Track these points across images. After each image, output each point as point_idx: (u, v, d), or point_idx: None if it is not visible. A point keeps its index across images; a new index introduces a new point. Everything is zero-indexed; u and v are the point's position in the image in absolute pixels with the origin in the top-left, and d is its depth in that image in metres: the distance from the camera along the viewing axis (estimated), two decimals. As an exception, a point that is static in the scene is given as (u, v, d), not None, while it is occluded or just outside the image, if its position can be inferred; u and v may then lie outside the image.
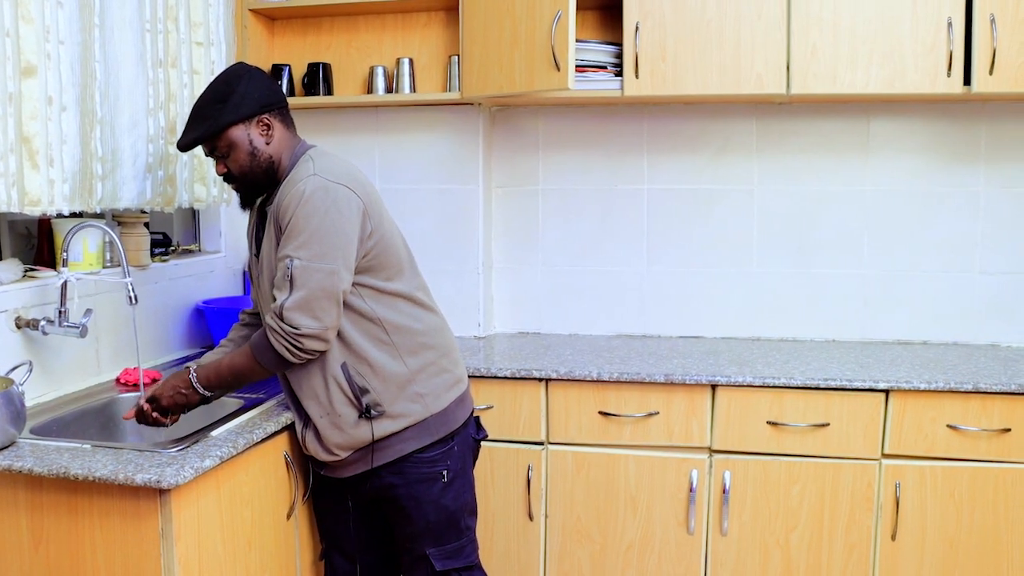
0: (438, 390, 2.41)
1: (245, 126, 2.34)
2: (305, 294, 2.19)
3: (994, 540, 2.85)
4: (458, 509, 2.47)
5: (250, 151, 2.35)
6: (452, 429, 2.44)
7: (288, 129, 2.42)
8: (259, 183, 2.40)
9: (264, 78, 2.40)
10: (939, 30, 2.97)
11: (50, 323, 2.52)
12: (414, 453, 2.39)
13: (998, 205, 3.35)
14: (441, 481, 2.43)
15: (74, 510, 2.03)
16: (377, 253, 2.33)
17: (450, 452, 2.44)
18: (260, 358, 2.28)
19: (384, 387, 2.34)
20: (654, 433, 2.98)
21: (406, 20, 3.56)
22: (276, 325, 2.22)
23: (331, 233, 2.21)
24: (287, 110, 2.44)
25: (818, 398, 2.88)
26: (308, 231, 2.20)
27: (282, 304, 2.21)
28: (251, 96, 2.34)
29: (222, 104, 2.32)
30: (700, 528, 2.99)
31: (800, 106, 3.42)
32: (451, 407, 2.44)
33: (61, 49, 2.44)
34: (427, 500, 2.42)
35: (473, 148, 3.51)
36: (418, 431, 2.39)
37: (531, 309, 3.69)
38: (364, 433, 2.35)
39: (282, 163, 2.39)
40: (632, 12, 3.12)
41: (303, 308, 2.20)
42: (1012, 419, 2.80)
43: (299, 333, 2.20)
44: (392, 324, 2.35)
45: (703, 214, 3.53)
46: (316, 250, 2.20)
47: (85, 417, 2.52)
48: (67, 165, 2.48)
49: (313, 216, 2.21)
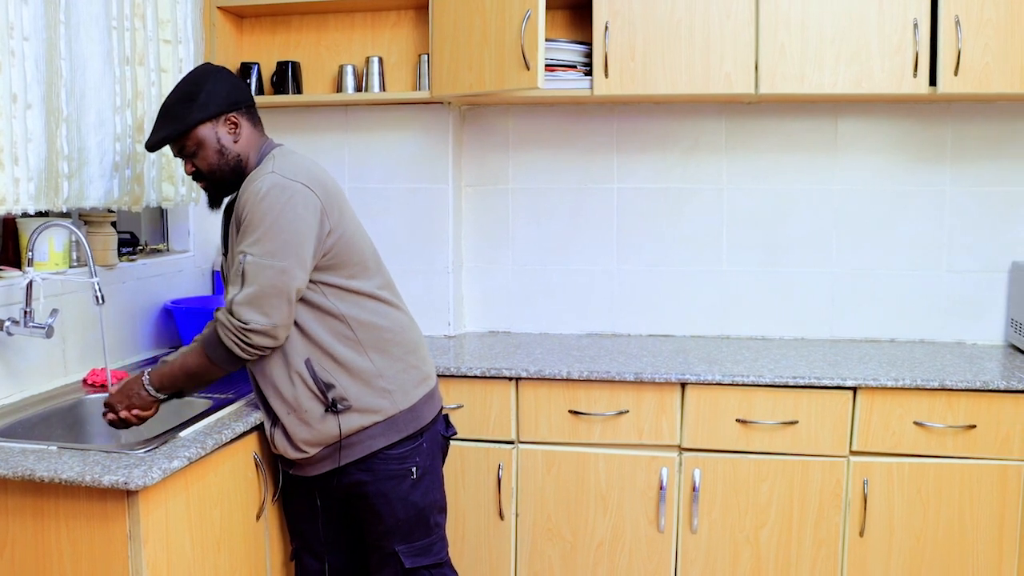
0: (406, 386, 2.41)
1: (213, 125, 2.36)
2: (255, 290, 2.20)
3: (960, 535, 2.88)
4: (427, 506, 2.47)
5: (218, 149, 2.37)
6: (421, 426, 2.44)
7: (255, 128, 2.44)
8: (227, 181, 2.42)
9: (231, 77, 2.41)
10: (905, 31, 3.00)
11: (15, 323, 2.49)
12: (383, 450, 2.39)
13: (964, 204, 3.38)
14: (410, 478, 2.42)
15: (40, 513, 2.01)
16: (338, 252, 2.33)
17: (419, 449, 2.44)
18: (211, 354, 2.28)
19: (350, 381, 2.34)
20: (624, 431, 2.99)
21: (376, 19, 3.55)
22: (226, 320, 2.22)
23: (285, 231, 2.22)
24: (254, 108, 2.45)
25: (787, 396, 2.90)
26: (262, 228, 2.21)
27: (232, 299, 2.22)
28: (218, 95, 2.35)
29: (190, 103, 2.33)
30: (670, 526, 3.00)
31: (769, 106, 3.45)
32: (419, 404, 2.44)
33: (25, 46, 2.42)
34: (396, 497, 2.42)
35: (443, 147, 3.51)
36: (386, 427, 2.38)
37: (501, 308, 3.69)
38: (331, 428, 2.34)
39: (249, 161, 2.41)
40: (601, 11, 3.13)
41: (252, 304, 2.20)
42: (977, 416, 2.84)
43: (247, 328, 2.20)
44: (356, 320, 2.35)
45: (673, 213, 3.54)
46: (268, 247, 2.21)
47: (51, 418, 2.49)
48: (32, 163, 2.45)
49: (268, 213, 2.21)
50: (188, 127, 2.34)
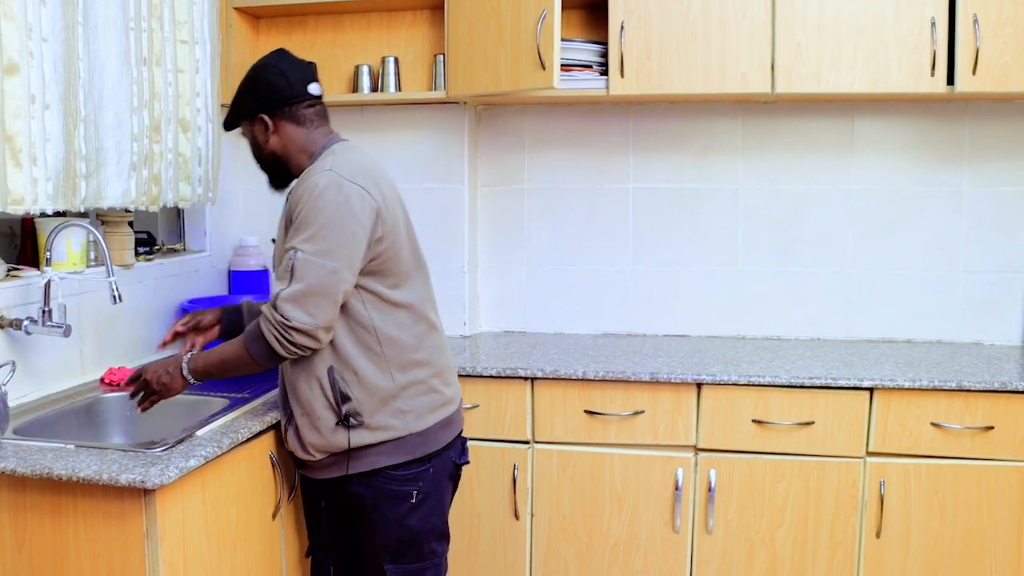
0: (422, 409, 2.36)
1: (248, 123, 2.44)
2: (303, 287, 2.17)
3: (978, 537, 2.86)
4: (423, 532, 2.41)
5: (255, 144, 2.46)
6: (431, 451, 2.39)
7: (302, 126, 2.41)
8: (272, 172, 2.48)
9: (281, 74, 2.39)
10: (923, 30, 2.99)
11: (33, 323, 2.50)
12: (386, 468, 2.35)
13: (981, 204, 3.37)
14: (409, 501, 2.37)
15: (58, 511, 2.02)
16: (386, 259, 2.29)
17: (424, 473, 2.39)
18: (250, 347, 2.25)
19: (367, 398, 2.30)
20: (639, 432, 2.99)
21: (391, 19, 3.56)
22: (269, 314, 2.19)
23: (339, 230, 2.20)
24: (304, 108, 2.42)
25: (803, 396, 2.89)
26: (316, 225, 2.19)
27: (278, 294, 2.19)
28: (256, 94, 2.40)
29: (237, 98, 2.45)
30: (686, 526, 2.99)
31: (785, 105, 3.44)
32: (433, 428, 2.39)
33: (44, 47, 2.43)
34: (392, 518, 2.37)
35: (458, 147, 3.51)
36: (394, 447, 2.34)
37: (516, 308, 3.69)
38: (340, 440, 2.31)
39: (292, 159, 2.42)
40: (617, 11, 3.12)
41: (298, 301, 2.17)
42: (995, 417, 2.82)
43: (290, 325, 2.17)
44: (386, 335, 2.31)
45: (688, 213, 3.54)
46: (321, 245, 2.18)
47: (69, 417, 2.50)
48: (50, 164, 2.47)
49: (323, 211, 2.19)
50: (233, 122, 2.47)
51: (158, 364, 2.36)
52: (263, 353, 2.23)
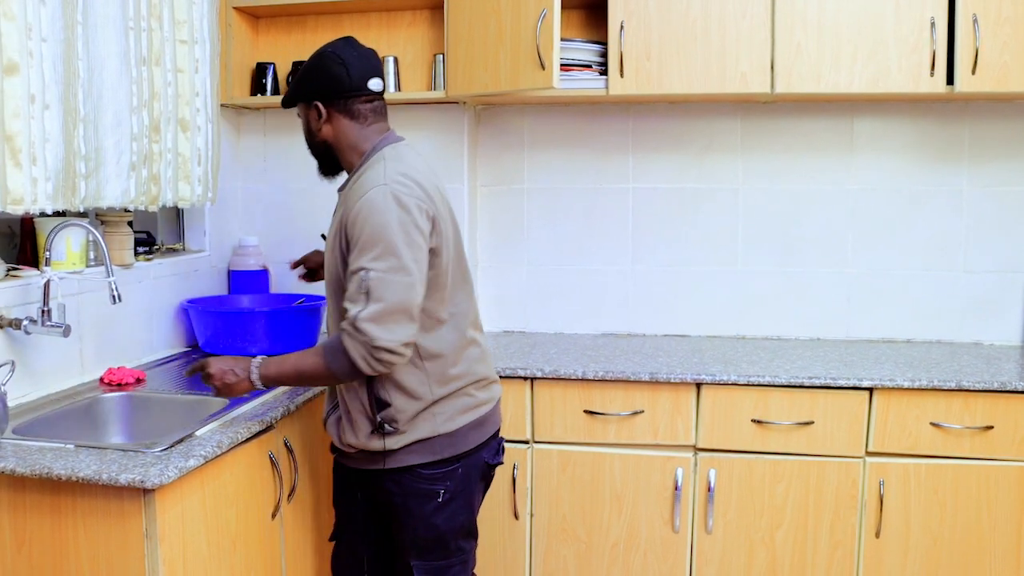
0: (452, 412, 2.36)
1: (304, 107, 2.43)
2: (383, 307, 2.14)
3: (977, 537, 2.86)
4: (450, 530, 2.41)
5: (308, 129, 2.45)
6: (459, 451, 2.38)
7: (356, 121, 2.38)
8: (321, 159, 2.48)
9: (342, 63, 2.36)
10: (922, 30, 2.99)
11: (33, 322, 2.50)
12: (417, 467, 2.35)
13: (981, 204, 3.37)
14: (436, 500, 2.37)
15: (57, 510, 2.02)
16: (437, 272, 2.29)
17: (452, 473, 2.38)
18: (331, 363, 2.21)
19: (405, 405, 2.30)
20: (639, 432, 2.99)
21: (391, 19, 3.56)
22: (354, 333, 2.15)
23: (406, 245, 2.18)
24: (361, 102, 2.39)
25: (802, 396, 2.89)
26: (384, 243, 2.17)
27: (356, 316, 2.14)
28: (314, 79, 2.38)
29: (297, 78, 2.45)
30: (685, 526, 2.99)
31: (784, 105, 3.44)
32: (463, 430, 2.38)
33: (44, 47, 2.43)
34: (419, 515, 2.38)
35: (458, 147, 3.51)
36: (423, 447, 2.34)
37: (516, 308, 3.69)
38: (376, 444, 2.32)
39: (343, 151, 2.41)
40: (617, 11, 3.12)
41: (379, 321, 2.14)
42: (995, 417, 2.82)
43: (375, 345, 2.13)
44: (427, 350, 2.30)
45: (688, 213, 3.54)
46: (392, 263, 2.16)
47: (68, 417, 2.50)
48: (50, 163, 2.47)
49: (387, 228, 2.17)
50: (290, 101, 2.47)
51: (226, 361, 2.34)
52: (345, 370, 2.20)
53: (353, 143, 2.39)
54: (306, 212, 3.57)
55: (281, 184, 3.63)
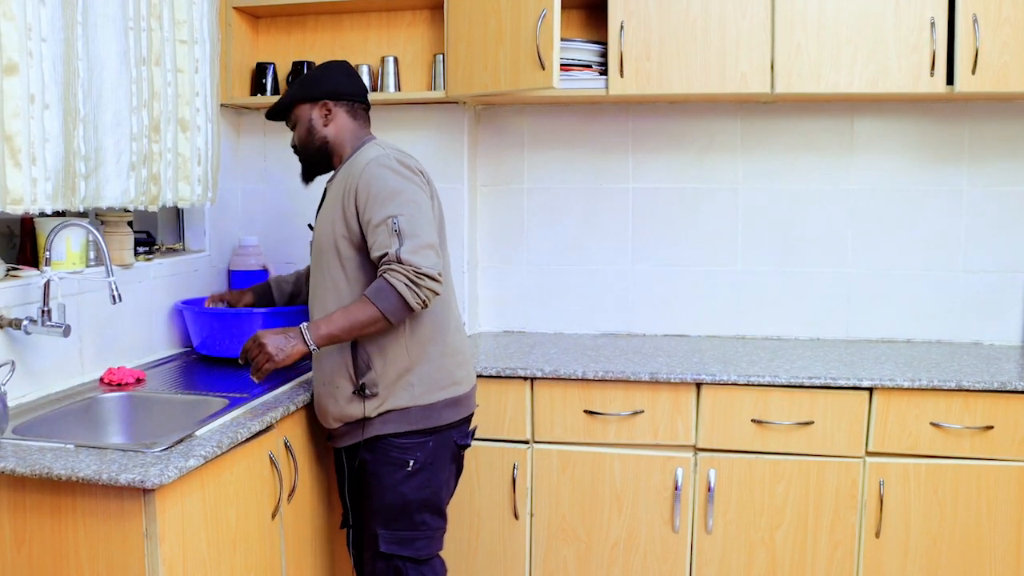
0: (430, 386, 2.52)
1: (311, 106, 2.64)
2: (419, 242, 2.37)
3: (977, 537, 2.86)
4: (416, 500, 2.54)
5: (308, 128, 2.66)
6: (432, 425, 2.53)
7: (355, 121, 2.68)
8: (313, 160, 2.69)
9: (347, 74, 2.69)
10: (922, 30, 2.99)
11: (33, 322, 2.50)
12: (390, 436, 2.50)
13: (981, 204, 3.37)
14: (405, 469, 2.52)
15: (57, 510, 2.02)
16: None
17: (423, 445, 2.53)
18: (380, 304, 2.36)
19: (384, 369, 2.47)
20: (639, 432, 2.99)
21: (391, 19, 3.56)
22: (399, 268, 2.34)
23: (419, 197, 2.45)
24: (359, 107, 2.69)
25: (802, 396, 2.89)
26: (403, 194, 2.42)
27: (396, 252, 2.35)
28: (325, 83, 2.64)
29: (302, 84, 2.67)
30: (685, 526, 2.99)
31: (784, 105, 3.44)
32: (438, 405, 2.53)
33: (43, 47, 2.42)
34: (388, 483, 2.52)
35: (458, 147, 3.51)
36: (399, 416, 2.50)
37: (516, 308, 3.69)
38: (356, 410, 2.49)
39: (338, 148, 2.66)
40: (617, 11, 3.12)
41: (418, 252, 2.36)
42: (995, 417, 2.82)
43: (421, 272, 2.34)
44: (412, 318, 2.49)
45: (688, 213, 3.54)
46: (413, 209, 2.41)
47: (68, 417, 2.50)
48: (50, 163, 2.46)
49: (401, 181, 2.44)
50: (292, 102, 2.66)
51: (275, 333, 2.45)
52: (395, 307, 2.37)
53: (348, 139, 2.66)
54: (306, 212, 3.56)
55: (281, 184, 3.63)
